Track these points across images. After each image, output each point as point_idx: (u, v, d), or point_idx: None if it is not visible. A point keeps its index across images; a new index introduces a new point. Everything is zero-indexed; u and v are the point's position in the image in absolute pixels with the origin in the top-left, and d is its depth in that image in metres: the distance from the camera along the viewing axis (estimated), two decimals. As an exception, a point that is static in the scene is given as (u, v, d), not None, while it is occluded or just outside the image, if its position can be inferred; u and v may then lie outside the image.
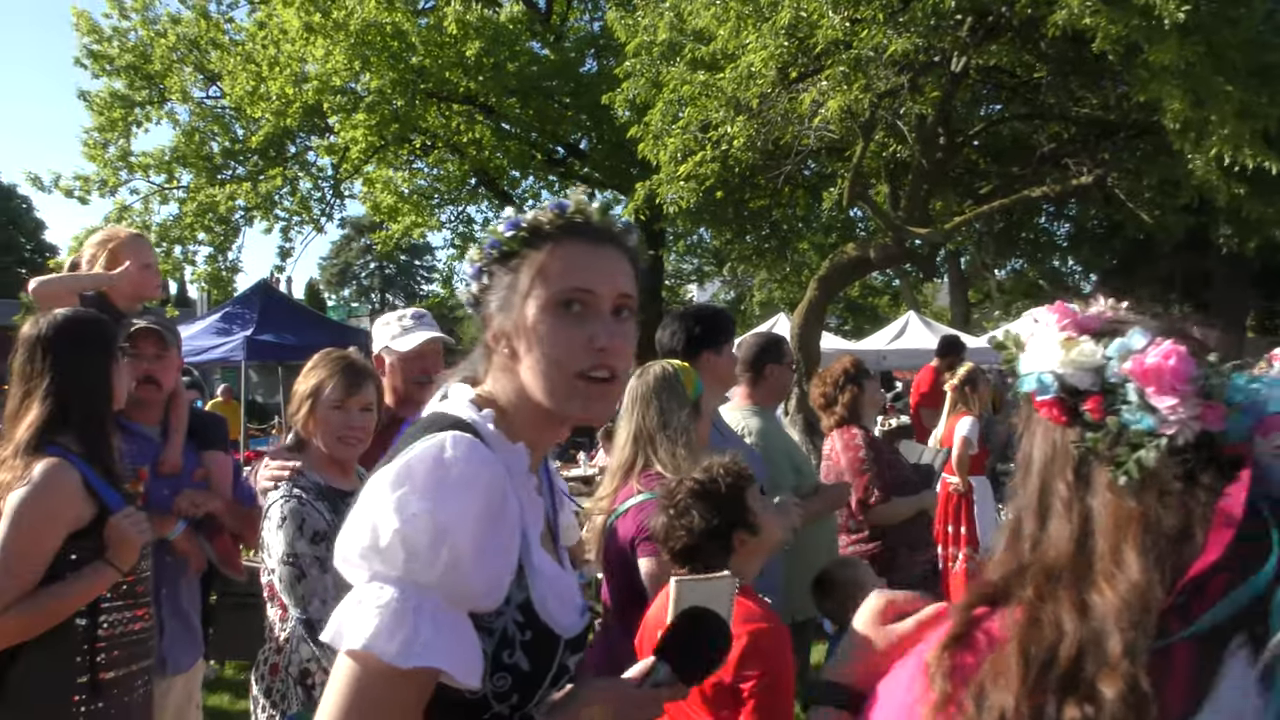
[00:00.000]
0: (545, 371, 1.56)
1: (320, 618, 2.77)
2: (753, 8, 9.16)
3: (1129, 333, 1.20)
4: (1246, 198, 9.07)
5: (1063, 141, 11.94)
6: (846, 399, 5.33)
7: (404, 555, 1.37)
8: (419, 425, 1.59)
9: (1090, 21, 7.68)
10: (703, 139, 9.98)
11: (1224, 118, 7.84)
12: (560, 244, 1.60)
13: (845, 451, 5.27)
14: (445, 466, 1.43)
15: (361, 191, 18.55)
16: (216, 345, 14.38)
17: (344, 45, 14.64)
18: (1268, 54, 8.55)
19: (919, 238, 10.78)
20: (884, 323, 24.44)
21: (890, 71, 9.20)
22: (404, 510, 1.39)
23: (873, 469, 5.18)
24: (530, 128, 16.33)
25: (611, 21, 12.29)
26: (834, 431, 5.43)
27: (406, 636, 1.35)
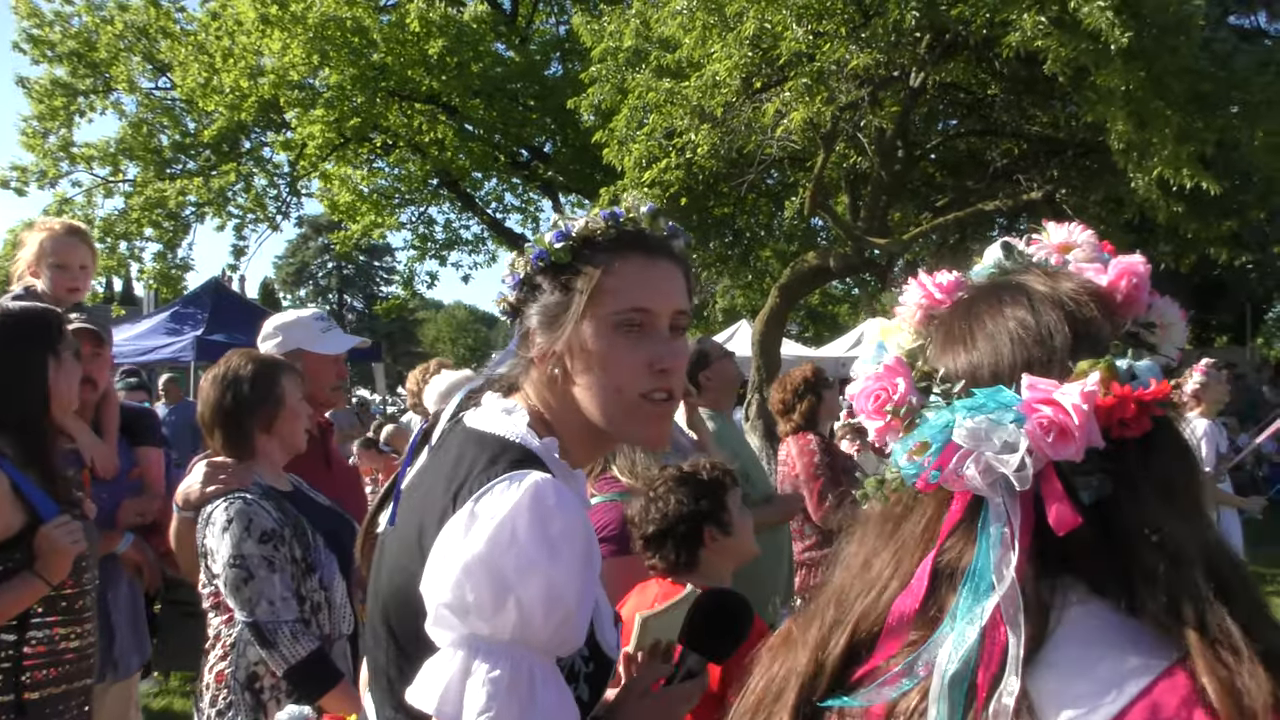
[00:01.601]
0: (605, 396, 1.51)
1: (269, 619, 2.76)
2: (718, 18, 9.27)
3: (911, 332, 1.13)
4: (1184, 216, 9.36)
5: (1014, 157, 12.22)
6: (804, 407, 5.44)
7: (519, 620, 1.31)
8: (477, 448, 1.49)
9: (1042, 44, 7.90)
10: (667, 146, 10.06)
11: (1164, 140, 8.09)
12: (616, 259, 1.52)
13: (800, 457, 5.37)
14: (547, 521, 1.35)
15: (319, 189, 18.21)
16: (164, 345, 13.99)
17: (302, 39, 14.40)
18: (1203, 83, 8.84)
19: (878, 247, 10.94)
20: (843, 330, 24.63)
21: (851, 85, 9.36)
22: (519, 573, 1.31)
23: (827, 475, 5.28)
24: (494, 129, 16.21)
25: (577, 26, 12.35)
26: (789, 437, 5.54)
27: (522, 705, 1.30)
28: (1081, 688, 0.88)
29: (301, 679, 2.79)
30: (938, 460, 0.96)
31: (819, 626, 1.06)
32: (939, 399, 1.01)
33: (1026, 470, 0.91)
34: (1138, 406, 0.92)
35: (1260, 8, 18.39)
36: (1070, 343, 0.98)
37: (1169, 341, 1.04)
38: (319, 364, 3.65)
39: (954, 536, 0.98)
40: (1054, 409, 0.91)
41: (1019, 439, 0.92)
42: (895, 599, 1.01)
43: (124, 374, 8.13)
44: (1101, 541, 0.93)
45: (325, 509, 3.19)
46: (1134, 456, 0.94)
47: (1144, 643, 0.89)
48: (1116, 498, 0.94)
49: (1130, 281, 1.03)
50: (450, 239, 19.38)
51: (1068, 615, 0.92)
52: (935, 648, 0.94)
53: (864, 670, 0.99)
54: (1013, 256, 1.14)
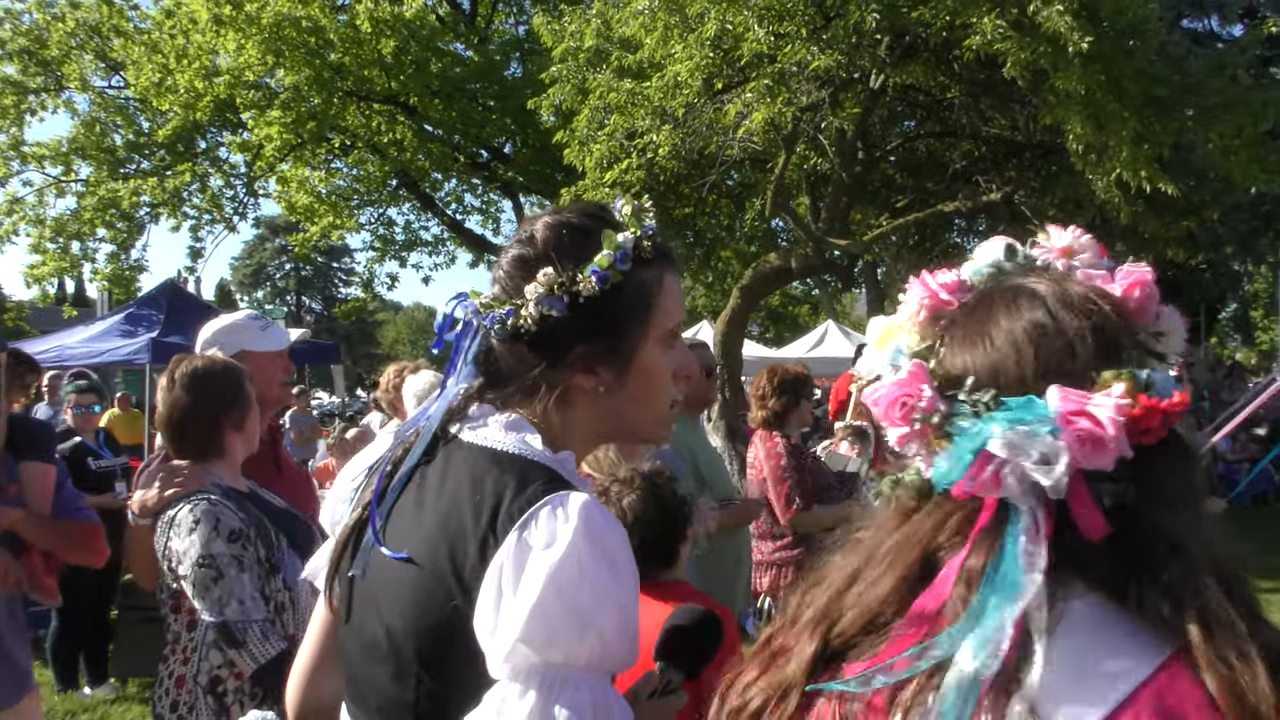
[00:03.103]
0: (654, 406, 1.56)
1: (238, 619, 2.74)
2: (680, 19, 9.26)
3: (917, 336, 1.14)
4: (1143, 215, 9.50)
5: (973, 159, 12.30)
6: (778, 404, 5.46)
7: (599, 648, 1.30)
8: (500, 470, 1.44)
9: (1002, 47, 7.96)
10: (628, 146, 10.04)
11: (1121, 142, 8.18)
12: (664, 276, 1.55)
13: (768, 460, 5.38)
14: (605, 544, 1.33)
15: (276, 191, 18.00)
16: (118, 347, 13.84)
17: (257, 39, 14.27)
18: (1158, 86, 8.96)
19: (838, 248, 10.98)
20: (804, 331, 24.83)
21: (812, 86, 9.38)
22: (596, 600, 1.29)
23: (794, 476, 5.30)
24: (453, 130, 16.14)
25: (538, 26, 12.28)
26: (757, 436, 5.55)
27: None
28: (1080, 681, 0.90)
29: (270, 679, 2.76)
30: (972, 470, 0.97)
31: (815, 612, 1.09)
32: (966, 407, 1.02)
33: (1063, 481, 0.94)
34: (1161, 417, 0.95)
35: (1212, 12, 18.69)
36: (1094, 352, 1.00)
37: (1171, 349, 1.06)
38: (265, 362, 3.63)
39: (980, 539, 1.00)
40: (1090, 421, 0.94)
41: (1058, 450, 0.94)
42: (893, 592, 1.04)
43: (73, 376, 7.99)
44: (1113, 543, 0.95)
45: (282, 511, 3.18)
46: (1152, 463, 0.97)
47: (1141, 637, 0.92)
48: (1136, 501, 0.96)
49: (1143, 291, 1.05)
50: (410, 240, 19.31)
51: (1068, 611, 0.95)
52: (945, 643, 0.96)
53: (874, 662, 1.01)
54: (1014, 258, 1.13)
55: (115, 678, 7.35)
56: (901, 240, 13.49)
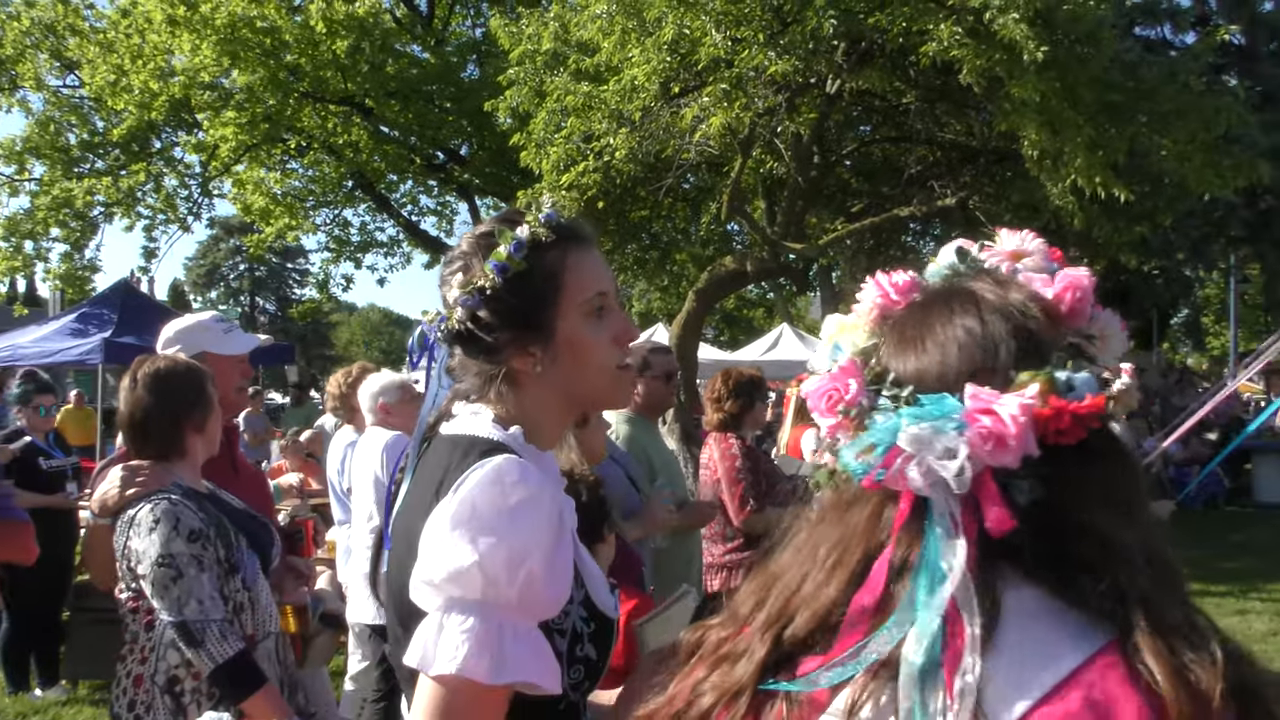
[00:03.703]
0: (595, 376, 1.68)
1: (197, 618, 2.75)
2: (637, 23, 9.26)
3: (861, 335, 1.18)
4: (1097, 220, 9.64)
5: (929, 164, 12.44)
6: (733, 406, 5.48)
7: (483, 581, 1.41)
8: (453, 452, 1.60)
9: (958, 54, 8.04)
10: (585, 149, 10.03)
11: (1076, 149, 8.30)
12: (569, 254, 1.68)
13: (722, 461, 5.41)
14: (507, 493, 1.47)
15: (231, 192, 17.77)
16: (71, 347, 13.68)
17: (212, 40, 14.11)
18: (1112, 93, 9.10)
19: (794, 252, 11.04)
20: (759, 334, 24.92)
21: (769, 91, 9.43)
22: (476, 542, 1.43)
23: (748, 478, 5.33)
24: (409, 131, 16.04)
25: (495, 28, 12.24)
26: (712, 438, 5.58)
27: (494, 656, 1.40)
28: (1014, 669, 0.93)
29: (228, 679, 2.77)
30: (882, 462, 1.01)
31: (767, 615, 1.12)
32: (888, 402, 1.06)
33: (965, 475, 0.97)
34: (1072, 418, 0.98)
35: (1165, 20, 19.00)
36: (1014, 353, 1.03)
37: (1109, 352, 1.09)
38: (224, 365, 3.62)
39: (903, 532, 1.03)
40: (993, 419, 0.97)
41: (959, 446, 0.97)
42: (842, 591, 1.07)
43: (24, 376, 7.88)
44: (1039, 537, 0.98)
45: (241, 510, 3.20)
46: (1070, 462, 0.99)
47: (1075, 628, 0.95)
48: (1052, 499, 0.99)
49: (1075, 294, 1.07)
50: (365, 241, 19.15)
51: (1005, 601, 0.98)
52: (884, 636, 1.00)
53: (823, 660, 1.04)
54: (966, 261, 1.17)
55: (66, 679, 7.25)
56: (856, 244, 13.59)
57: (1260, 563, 11.07)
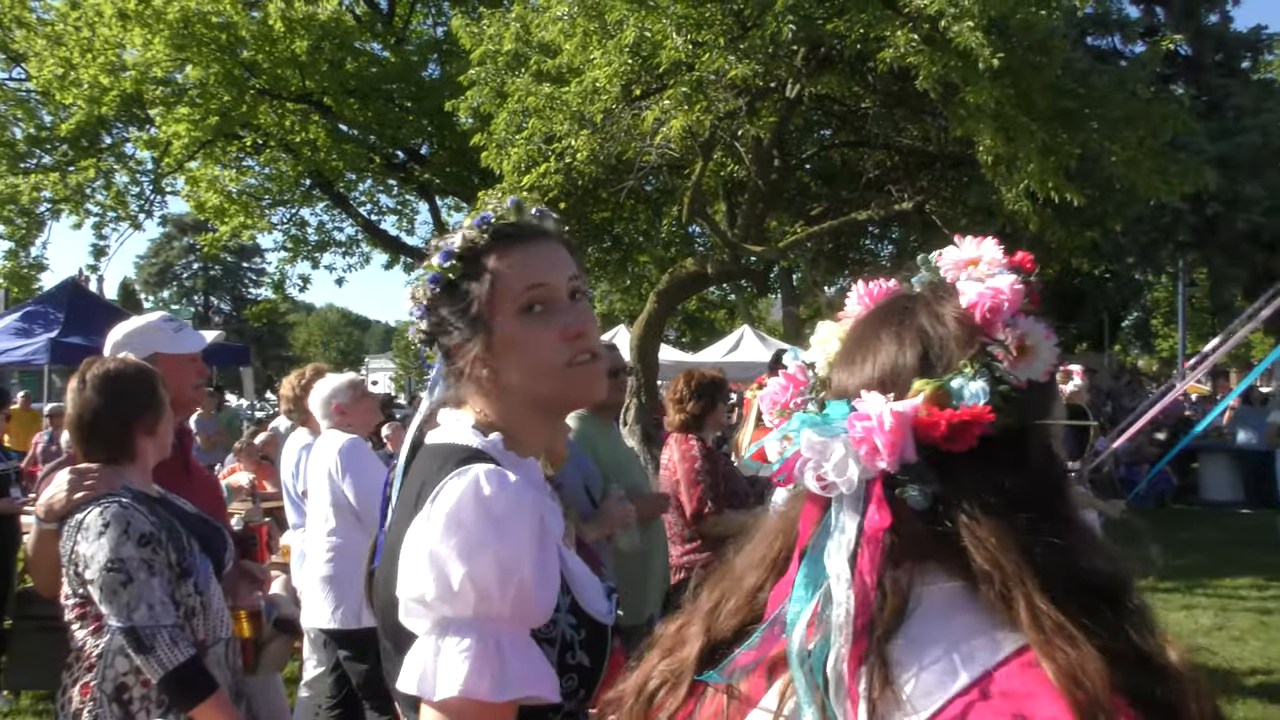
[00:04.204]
0: (536, 377, 1.64)
1: (147, 624, 2.71)
2: (599, 25, 9.26)
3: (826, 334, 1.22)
4: (1050, 224, 9.78)
5: (887, 169, 12.55)
6: (695, 407, 5.49)
7: (475, 597, 1.39)
8: (432, 461, 1.60)
9: (914, 60, 8.11)
10: (546, 150, 10.01)
11: (1029, 154, 8.41)
12: (500, 255, 1.65)
13: (682, 462, 5.41)
14: (490, 503, 1.45)
15: (185, 189, 17.48)
16: (15, 347, 13.44)
17: (164, 35, 13.92)
18: (1065, 99, 9.24)
19: (754, 255, 11.08)
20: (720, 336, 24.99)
21: (729, 94, 9.45)
22: (467, 554, 1.41)
23: (707, 480, 5.34)
24: (369, 130, 15.93)
25: (456, 28, 12.18)
26: (673, 439, 5.58)
27: (495, 673, 1.38)
28: (936, 660, 0.96)
29: (178, 686, 2.73)
30: (784, 465, 1.07)
31: (709, 604, 1.17)
32: (812, 408, 1.12)
33: (852, 479, 1.01)
34: (949, 427, 1.00)
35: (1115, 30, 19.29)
36: (917, 363, 1.07)
37: (1038, 360, 1.08)
38: (178, 365, 3.59)
39: (816, 528, 1.07)
40: (867, 425, 1.01)
41: (841, 451, 1.02)
42: (761, 580, 1.14)
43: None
44: (940, 540, 1.01)
45: (194, 515, 3.15)
46: (965, 468, 1.01)
47: (994, 625, 0.97)
48: (947, 503, 1.01)
49: (987, 303, 1.07)
50: (323, 241, 18.98)
51: (926, 595, 1.00)
52: (776, 626, 1.04)
53: (755, 655, 1.07)
54: (926, 270, 1.18)
55: (9, 690, 7.10)
56: (816, 247, 13.68)
57: (1206, 560, 11.28)
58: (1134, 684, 0.90)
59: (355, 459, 5.00)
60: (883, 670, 0.96)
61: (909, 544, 1.01)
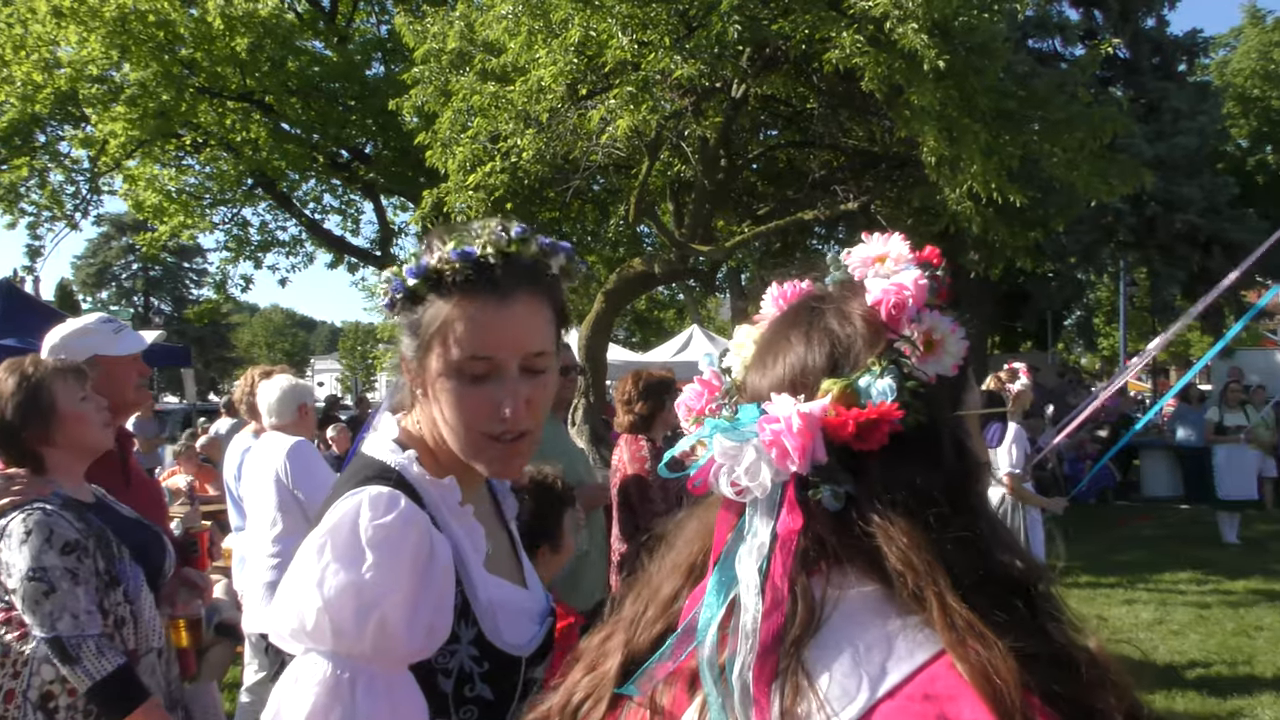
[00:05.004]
0: (453, 431, 1.53)
1: (72, 634, 2.64)
2: (544, 23, 9.24)
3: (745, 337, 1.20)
4: (993, 224, 9.92)
5: (832, 169, 12.66)
6: (643, 408, 5.48)
7: (331, 631, 1.35)
8: (347, 473, 1.56)
9: (859, 61, 8.19)
10: (492, 150, 9.97)
11: (972, 155, 8.51)
12: (462, 302, 1.49)
13: (632, 463, 5.40)
14: (364, 532, 1.39)
15: (123, 189, 17.21)
16: (-54, 350, 13.16)
17: (101, 32, 13.69)
18: (1007, 101, 9.37)
19: (702, 254, 11.11)
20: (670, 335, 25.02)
21: (675, 94, 9.47)
22: (324, 586, 1.36)
23: (657, 480, 5.33)
24: (311, 129, 15.77)
25: (400, 26, 12.09)
26: (622, 439, 5.57)
27: (343, 712, 1.34)
28: (852, 667, 0.94)
29: (106, 696, 2.66)
30: (700, 471, 1.05)
31: (630, 615, 1.15)
32: (726, 413, 1.09)
33: (765, 483, 1.00)
34: (857, 426, 0.99)
35: (1056, 33, 19.58)
36: (825, 363, 1.06)
37: (946, 355, 1.07)
38: (119, 367, 3.50)
39: (732, 533, 1.05)
40: (776, 428, 1.00)
41: (752, 455, 1.01)
42: (676, 589, 1.12)
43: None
44: (853, 540, 1.00)
45: (131, 520, 3.07)
46: (876, 467, 1.01)
47: (918, 625, 0.95)
48: (859, 503, 1.00)
49: (892, 299, 1.06)
50: (266, 240, 18.76)
51: (843, 599, 0.99)
52: (688, 632, 1.03)
53: (671, 668, 1.05)
54: (837, 269, 1.17)
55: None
56: (763, 247, 13.76)
57: (1147, 554, 11.50)
58: (1046, 681, 0.89)
59: (304, 461, 4.95)
60: (795, 679, 0.94)
61: (823, 547, 1.00)
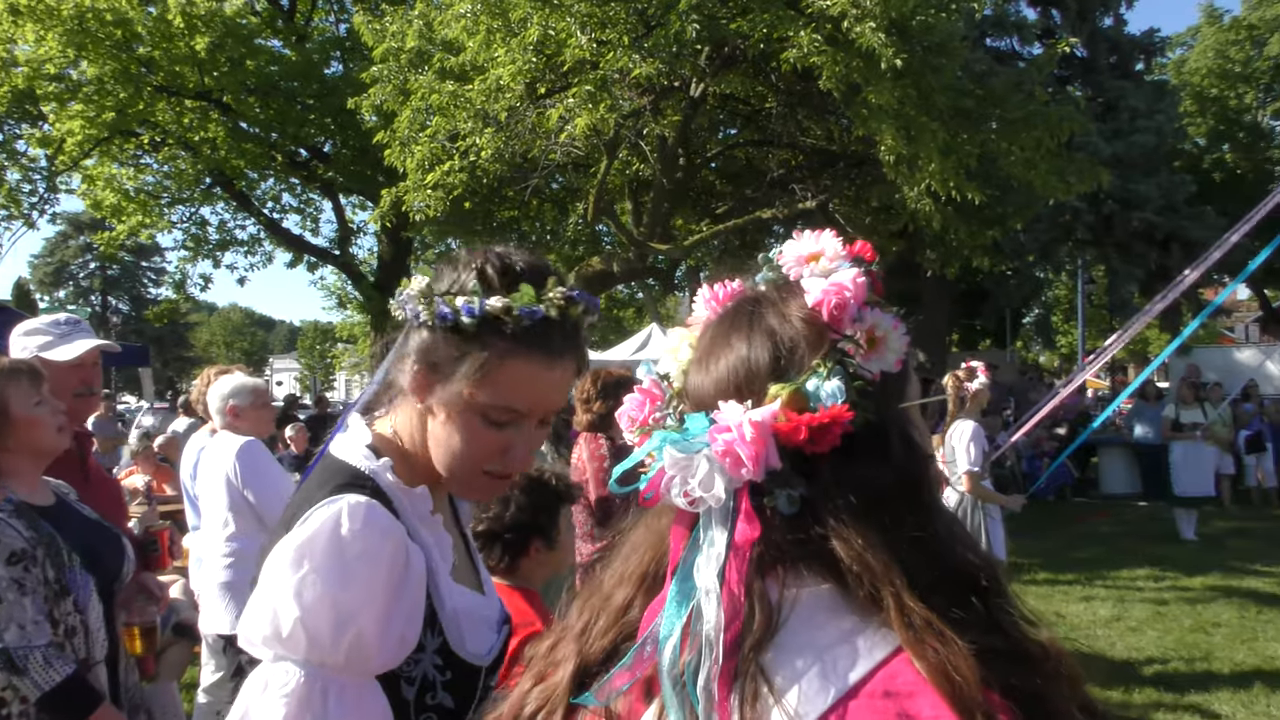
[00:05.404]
0: (452, 458, 1.54)
1: (19, 645, 2.61)
2: (502, 23, 9.24)
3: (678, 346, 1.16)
4: (952, 223, 10.01)
5: (791, 168, 12.73)
6: (602, 407, 5.48)
7: (306, 642, 1.35)
8: (318, 477, 1.52)
9: (817, 60, 8.24)
10: (451, 149, 9.95)
11: (930, 154, 8.59)
12: (514, 356, 1.49)
13: (591, 461, 5.41)
14: (343, 543, 1.39)
15: (81, 188, 17.07)
16: (-102, 351, 12.91)
17: (58, 30, 13.54)
18: (964, 99, 9.46)
19: (660, 253, 11.14)
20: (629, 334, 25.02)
21: (634, 93, 9.50)
22: (303, 596, 1.36)
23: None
24: (270, 128, 15.67)
25: (358, 25, 12.04)
26: (582, 438, 5.58)
27: (314, 718, 1.35)
28: (810, 667, 0.93)
29: (57, 706, 2.63)
30: (650, 483, 1.02)
31: (581, 623, 1.13)
32: (671, 422, 1.07)
33: (719, 493, 0.98)
34: (810, 430, 0.97)
35: (1013, 32, 19.73)
36: (769, 367, 1.04)
37: (889, 351, 1.06)
38: (58, 373, 3.41)
39: (688, 544, 1.03)
40: (729, 436, 0.98)
41: (705, 464, 0.99)
42: (630, 597, 1.09)
43: None
44: (808, 543, 0.98)
45: (91, 523, 3.03)
46: (829, 468, 0.99)
47: (878, 623, 0.94)
48: (814, 505, 0.99)
49: (833, 299, 1.04)
50: (224, 240, 18.65)
51: (801, 601, 0.98)
52: (649, 645, 1.00)
53: (629, 676, 1.03)
54: (769, 268, 1.16)
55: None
56: (722, 245, 13.81)
57: (1105, 551, 11.60)
58: (1005, 676, 0.90)
59: (254, 460, 4.87)
60: (754, 684, 0.94)
61: (779, 550, 0.99)
